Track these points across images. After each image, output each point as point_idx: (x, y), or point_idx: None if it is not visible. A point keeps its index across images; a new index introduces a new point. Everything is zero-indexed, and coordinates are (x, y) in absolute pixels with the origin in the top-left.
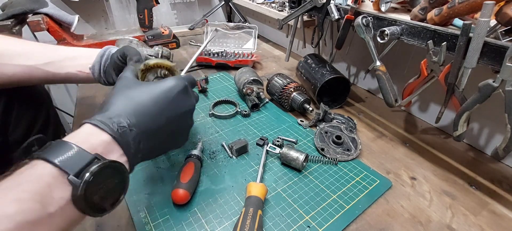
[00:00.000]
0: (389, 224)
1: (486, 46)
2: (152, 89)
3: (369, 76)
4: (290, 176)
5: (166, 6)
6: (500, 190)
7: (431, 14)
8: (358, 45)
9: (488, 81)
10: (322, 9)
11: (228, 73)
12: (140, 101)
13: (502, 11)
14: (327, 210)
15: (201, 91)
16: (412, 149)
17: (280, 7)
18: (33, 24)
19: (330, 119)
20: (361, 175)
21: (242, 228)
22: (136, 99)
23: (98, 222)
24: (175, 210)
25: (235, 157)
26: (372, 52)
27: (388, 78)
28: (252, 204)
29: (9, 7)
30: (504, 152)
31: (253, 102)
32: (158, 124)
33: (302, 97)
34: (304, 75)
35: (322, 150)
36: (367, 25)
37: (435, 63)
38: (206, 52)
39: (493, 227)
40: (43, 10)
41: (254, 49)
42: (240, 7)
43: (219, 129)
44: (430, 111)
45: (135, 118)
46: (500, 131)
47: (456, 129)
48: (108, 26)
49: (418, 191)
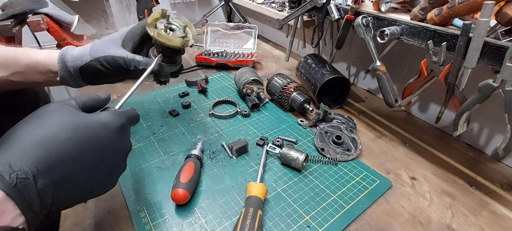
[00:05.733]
0: (389, 224)
1: (486, 46)
2: (77, 122)
3: (369, 76)
4: (290, 176)
5: (166, 6)
6: (500, 190)
7: (431, 14)
8: (358, 45)
9: (488, 81)
10: (322, 9)
11: (228, 73)
12: (57, 138)
13: (502, 11)
14: (327, 210)
15: (201, 91)
16: (412, 149)
17: (280, 7)
18: (33, 24)
19: (330, 119)
20: (361, 175)
21: (242, 228)
22: (53, 134)
23: (97, 222)
24: (175, 210)
25: (235, 157)
26: (372, 52)
27: (388, 78)
28: (252, 204)
29: (9, 7)
30: (504, 152)
31: (253, 102)
32: (79, 168)
33: (302, 97)
34: (304, 75)
35: (322, 150)
36: (367, 25)
37: (435, 63)
38: (206, 52)
39: (493, 227)
40: (43, 10)
41: (254, 49)
42: (240, 7)
43: (219, 129)
44: (430, 111)
45: (45, 163)
46: (500, 131)
47: (456, 129)
48: (108, 26)
49: (418, 191)
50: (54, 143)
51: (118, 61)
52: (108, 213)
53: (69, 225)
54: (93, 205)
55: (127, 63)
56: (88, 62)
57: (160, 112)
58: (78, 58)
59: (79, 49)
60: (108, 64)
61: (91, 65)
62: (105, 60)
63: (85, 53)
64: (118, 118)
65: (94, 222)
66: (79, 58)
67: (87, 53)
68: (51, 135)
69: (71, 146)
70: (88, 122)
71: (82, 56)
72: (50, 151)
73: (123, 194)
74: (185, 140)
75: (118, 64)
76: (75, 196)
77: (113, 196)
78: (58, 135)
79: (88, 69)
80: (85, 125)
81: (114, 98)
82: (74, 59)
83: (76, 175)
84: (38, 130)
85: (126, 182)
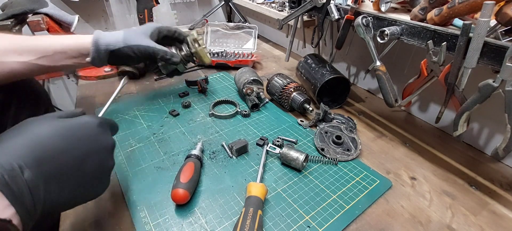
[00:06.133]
0: (389, 224)
1: (486, 46)
2: (58, 124)
3: (369, 76)
4: (290, 176)
5: (166, 6)
6: (500, 190)
7: (431, 14)
8: (358, 45)
9: (488, 81)
10: (322, 9)
11: (228, 73)
12: (42, 135)
13: (502, 11)
14: (327, 210)
15: (201, 91)
16: (412, 149)
17: (280, 7)
18: (33, 24)
19: (330, 119)
20: (361, 175)
21: (242, 228)
22: (36, 132)
23: (97, 222)
24: (175, 210)
25: (235, 157)
26: (372, 52)
27: (388, 78)
28: (252, 204)
29: (9, 7)
30: (504, 152)
31: (253, 102)
32: (66, 161)
33: (302, 97)
34: (304, 75)
35: (322, 150)
36: (367, 25)
37: (435, 63)
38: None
39: (493, 227)
40: (43, 10)
41: (254, 49)
42: (240, 7)
43: (219, 129)
44: (430, 111)
45: (31, 157)
46: (500, 131)
47: (456, 129)
48: (108, 26)
49: (418, 191)
50: (38, 141)
51: (148, 50)
52: (108, 213)
53: (69, 225)
54: (93, 205)
55: (155, 53)
56: (121, 48)
57: (160, 112)
58: (111, 44)
59: (112, 35)
60: (140, 52)
61: (123, 51)
62: (137, 49)
63: (119, 40)
64: (96, 118)
65: (94, 222)
66: (112, 44)
67: (121, 41)
68: (35, 134)
69: (54, 142)
70: (68, 122)
71: (116, 42)
72: (34, 147)
73: (123, 194)
74: (185, 140)
75: (147, 53)
76: (69, 191)
77: (113, 196)
78: (41, 133)
79: (118, 54)
80: (66, 125)
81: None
82: (107, 44)
83: (63, 168)
84: (22, 134)
85: (126, 182)
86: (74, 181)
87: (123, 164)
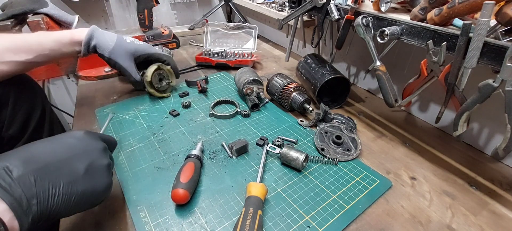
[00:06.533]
0: (389, 224)
1: (486, 46)
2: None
3: (369, 76)
4: (290, 176)
5: (166, 6)
6: (500, 190)
7: (431, 14)
8: (358, 45)
9: (488, 81)
10: (322, 9)
11: (228, 73)
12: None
13: (502, 11)
14: (327, 210)
15: (201, 91)
16: (412, 149)
17: (280, 7)
18: (33, 24)
19: (330, 119)
20: (361, 175)
21: (242, 228)
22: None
23: (97, 222)
24: (175, 210)
25: (235, 157)
26: (372, 52)
27: (388, 78)
28: (252, 204)
29: (9, 7)
30: (504, 152)
31: (253, 102)
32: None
33: (302, 97)
34: (304, 75)
35: (322, 150)
36: (367, 25)
37: (435, 63)
38: (206, 52)
39: (493, 227)
40: (43, 10)
41: (254, 49)
42: (240, 7)
43: (219, 129)
44: (430, 111)
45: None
46: (500, 131)
47: (456, 129)
48: (108, 26)
49: (418, 191)
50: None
51: (125, 73)
52: (108, 213)
53: (69, 225)
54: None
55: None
56: (107, 56)
57: (160, 112)
58: (100, 48)
59: (104, 39)
60: (119, 69)
61: (105, 58)
62: (118, 66)
63: (107, 48)
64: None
65: (94, 222)
66: (101, 48)
67: (108, 51)
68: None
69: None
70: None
71: (104, 49)
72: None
73: (123, 194)
74: (185, 140)
75: (124, 73)
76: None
77: (113, 196)
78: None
79: (103, 57)
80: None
81: (114, 99)
82: (97, 47)
83: (50, 165)
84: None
85: (126, 182)
86: (67, 176)
87: (123, 164)
